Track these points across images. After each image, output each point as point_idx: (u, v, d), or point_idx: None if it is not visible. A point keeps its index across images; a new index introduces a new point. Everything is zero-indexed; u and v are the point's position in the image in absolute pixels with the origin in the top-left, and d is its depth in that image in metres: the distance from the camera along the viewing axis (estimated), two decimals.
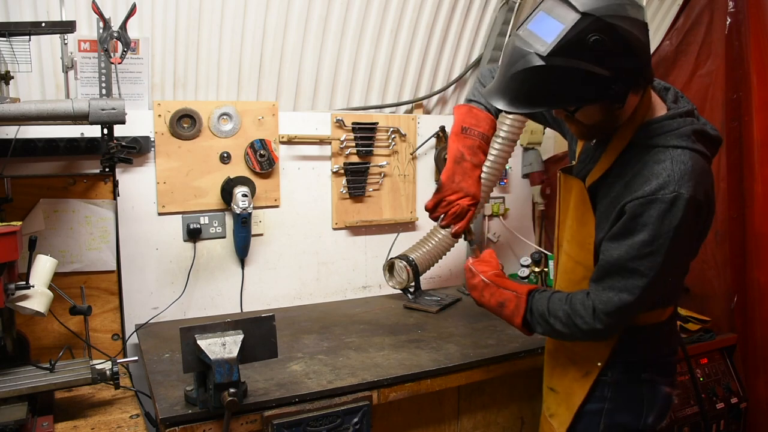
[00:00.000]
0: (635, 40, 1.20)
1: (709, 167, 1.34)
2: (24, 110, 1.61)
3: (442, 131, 2.75)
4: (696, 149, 1.30)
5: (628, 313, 1.35)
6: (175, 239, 2.30)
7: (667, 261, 1.28)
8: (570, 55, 1.18)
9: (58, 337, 1.93)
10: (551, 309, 1.42)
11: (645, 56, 1.24)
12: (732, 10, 2.30)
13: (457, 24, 2.70)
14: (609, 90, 1.22)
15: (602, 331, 1.36)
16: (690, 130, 1.32)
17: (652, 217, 1.26)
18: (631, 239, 1.29)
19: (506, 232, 3.00)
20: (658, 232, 1.26)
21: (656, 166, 1.29)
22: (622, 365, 1.48)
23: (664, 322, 1.50)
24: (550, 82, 1.21)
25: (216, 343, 1.42)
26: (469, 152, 1.50)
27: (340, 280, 2.66)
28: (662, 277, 1.31)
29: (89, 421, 1.57)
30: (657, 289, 1.34)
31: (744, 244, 2.36)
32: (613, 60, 1.19)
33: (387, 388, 1.73)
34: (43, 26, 1.74)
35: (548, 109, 1.46)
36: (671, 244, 1.26)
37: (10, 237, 1.43)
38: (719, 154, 2.34)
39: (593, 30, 1.16)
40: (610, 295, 1.33)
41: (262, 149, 2.36)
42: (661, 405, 1.49)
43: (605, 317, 1.34)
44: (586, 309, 1.37)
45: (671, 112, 1.36)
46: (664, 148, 1.30)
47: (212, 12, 2.22)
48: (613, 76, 1.20)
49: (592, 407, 1.51)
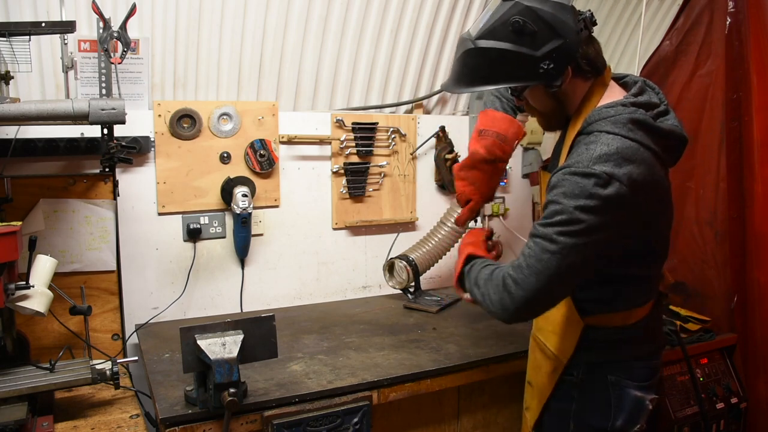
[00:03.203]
0: (558, 22, 1.30)
1: (646, 156, 1.29)
2: (24, 110, 1.61)
3: (442, 131, 2.75)
4: (630, 137, 1.28)
5: (537, 284, 1.28)
6: (175, 239, 2.30)
7: (578, 231, 1.24)
8: (496, 37, 1.32)
9: (58, 337, 1.93)
10: (479, 277, 1.43)
11: (571, 36, 1.31)
12: (732, 10, 2.30)
13: (457, 24, 2.70)
14: (539, 69, 1.31)
15: (509, 301, 1.32)
16: (627, 118, 1.31)
17: (563, 188, 1.26)
18: (546, 210, 1.30)
19: (506, 232, 3.00)
20: (568, 201, 1.25)
21: (582, 146, 1.31)
22: (585, 366, 1.49)
23: (633, 325, 1.47)
24: (482, 63, 1.35)
25: (216, 343, 1.43)
26: (485, 150, 1.61)
27: (340, 280, 2.66)
28: (573, 249, 1.25)
29: (89, 421, 1.57)
30: (568, 264, 1.26)
31: (744, 244, 2.36)
32: (537, 41, 1.30)
33: (387, 388, 1.73)
34: (43, 26, 1.74)
35: (486, 89, 1.49)
36: (581, 213, 1.23)
37: (10, 237, 1.43)
38: (719, 153, 2.38)
39: (515, 13, 1.30)
40: (520, 261, 1.32)
41: (262, 149, 2.36)
42: (630, 409, 1.45)
43: (512, 284, 1.31)
44: (498, 277, 1.36)
45: (612, 101, 1.37)
46: (597, 133, 1.31)
47: (212, 12, 2.22)
48: (540, 56, 1.30)
49: (559, 405, 1.54)
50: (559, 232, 1.25)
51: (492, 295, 1.36)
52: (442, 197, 2.84)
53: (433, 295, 2.58)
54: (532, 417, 1.61)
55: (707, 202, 2.43)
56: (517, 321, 1.38)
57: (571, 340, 1.49)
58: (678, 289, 2.56)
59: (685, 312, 2.43)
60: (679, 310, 2.45)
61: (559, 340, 1.53)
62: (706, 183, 2.44)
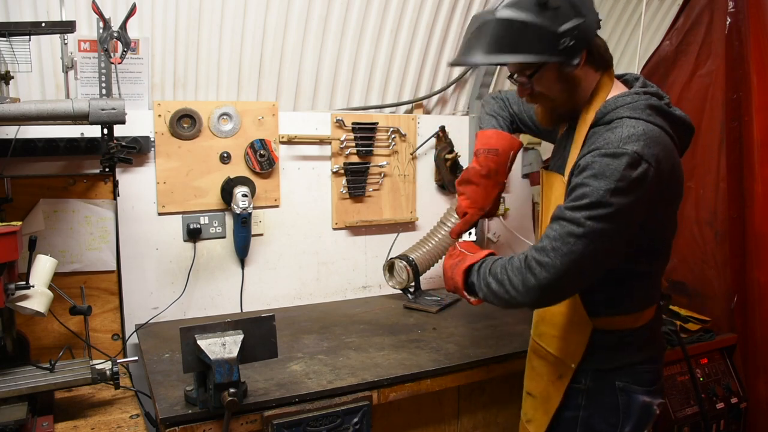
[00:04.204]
0: (580, 1, 1.31)
1: (667, 141, 1.31)
2: (24, 110, 1.61)
3: (442, 131, 2.75)
4: (651, 121, 1.30)
5: (562, 267, 1.25)
6: (175, 239, 2.30)
7: (607, 215, 1.22)
8: (520, 8, 1.30)
9: (58, 337, 1.93)
10: (492, 268, 1.39)
11: (591, 17, 1.33)
12: (732, 10, 2.31)
13: (457, 24, 2.70)
14: (559, 45, 1.30)
15: (533, 285, 1.28)
16: (645, 104, 1.32)
17: (594, 170, 1.25)
18: (574, 192, 1.27)
19: (506, 232, 3.00)
20: (598, 183, 1.23)
21: (607, 132, 1.30)
22: (593, 372, 1.46)
23: (641, 328, 1.46)
24: (503, 33, 1.31)
25: (216, 343, 1.43)
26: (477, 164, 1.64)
27: (340, 280, 2.66)
28: (601, 233, 1.23)
29: (89, 421, 1.57)
30: (595, 247, 1.25)
31: (744, 244, 2.36)
32: (558, 17, 1.29)
33: (387, 388, 1.73)
34: (43, 26, 1.74)
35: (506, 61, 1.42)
36: (611, 195, 1.21)
37: (10, 237, 1.43)
38: (719, 153, 2.38)
39: None
40: (544, 243, 1.28)
41: (262, 149, 2.36)
42: (638, 414, 1.44)
43: (536, 265, 1.27)
44: (519, 260, 1.32)
45: (625, 91, 1.38)
46: (619, 120, 1.31)
47: (212, 12, 2.22)
48: (561, 32, 1.29)
49: (568, 415, 1.50)
50: (587, 216, 1.23)
51: (513, 278, 1.31)
52: (442, 197, 2.84)
53: (433, 295, 2.58)
54: (538, 428, 1.55)
55: (707, 202, 2.44)
56: (541, 305, 1.37)
57: (578, 343, 1.46)
58: (677, 289, 2.56)
59: (685, 312, 2.43)
60: (679, 310, 2.45)
61: (564, 344, 1.49)
62: (706, 183, 2.44)
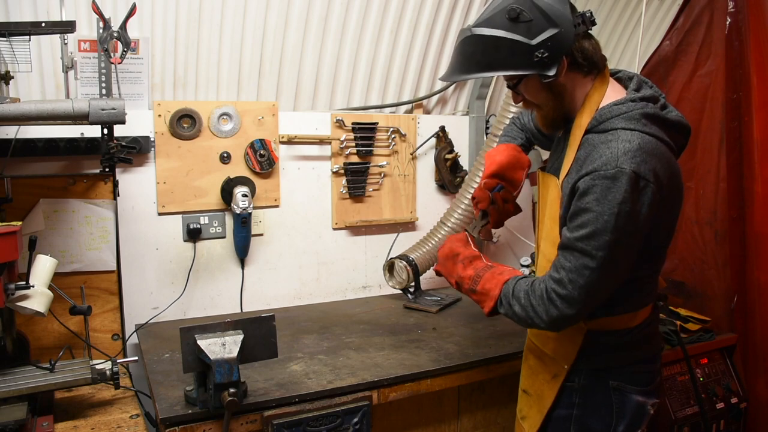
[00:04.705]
0: (554, 11, 1.31)
1: (664, 150, 1.32)
2: (24, 110, 1.61)
3: (441, 131, 2.75)
4: (646, 131, 1.30)
5: (581, 297, 1.31)
6: (175, 239, 2.30)
7: (615, 241, 1.26)
8: (492, 25, 1.34)
9: (58, 337, 1.93)
10: (515, 290, 1.41)
11: (567, 26, 1.32)
12: (732, 10, 2.31)
13: (457, 24, 2.70)
14: (533, 58, 1.31)
15: (556, 317, 1.33)
16: (639, 113, 1.32)
17: (596, 194, 1.26)
18: (579, 219, 1.30)
19: (506, 232, 3.00)
20: (602, 208, 1.25)
21: (602, 146, 1.31)
22: (587, 372, 1.47)
23: (635, 329, 1.47)
24: (478, 50, 1.36)
25: (216, 343, 1.43)
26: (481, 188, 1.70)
27: (340, 280, 2.66)
28: (613, 259, 1.28)
29: (89, 421, 1.57)
30: (609, 272, 1.30)
31: (744, 244, 2.36)
32: (533, 29, 1.31)
33: (387, 388, 1.73)
34: (43, 26, 1.73)
35: (481, 77, 1.49)
36: (616, 221, 1.24)
37: (10, 237, 1.43)
38: (719, 153, 2.38)
39: (512, 2, 1.32)
40: (561, 276, 1.32)
41: (262, 149, 2.36)
42: (632, 414, 1.45)
43: (557, 298, 1.32)
44: (541, 290, 1.36)
45: (621, 98, 1.37)
46: (613, 131, 1.32)
47: (212, 12, 2.22)
48: (535, 44, 1.31)
49: (561, 413, 1.51)
50: (597, 247, 1.27)
51: (537, 308, 1.36)
52: (442, 197, 2.84)
53: (433, 295, 2.58)
54: (532, 426, 1.57)
55: (707, 202, 2.44)
56: (563, 329, 1.41)
57: (572, 345, 1.47)
58: (677, 289, 2.56)
59: (685, 312, 2.43)
60: (679, 310, 2.45)
61: (558, 345, 1.50)
62: (706, 183, 2.44)
